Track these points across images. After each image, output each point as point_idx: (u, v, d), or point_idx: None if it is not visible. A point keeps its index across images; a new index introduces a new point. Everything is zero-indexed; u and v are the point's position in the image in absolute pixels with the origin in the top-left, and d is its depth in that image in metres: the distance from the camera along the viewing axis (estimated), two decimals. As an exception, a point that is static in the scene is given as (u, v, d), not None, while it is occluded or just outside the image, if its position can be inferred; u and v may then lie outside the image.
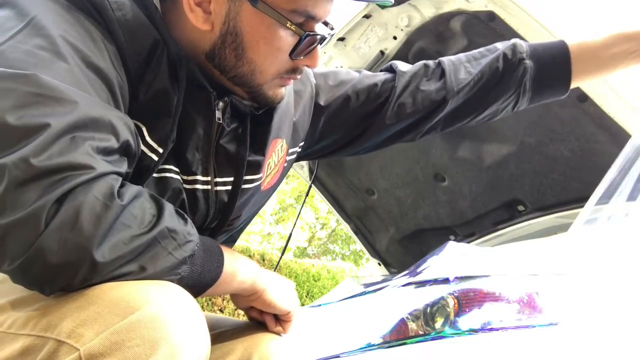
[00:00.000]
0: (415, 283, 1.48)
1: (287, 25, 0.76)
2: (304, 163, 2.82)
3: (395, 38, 2.18)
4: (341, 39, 2.28)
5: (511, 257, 1.64)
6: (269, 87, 0.84)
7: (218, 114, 0.83)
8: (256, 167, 0.90)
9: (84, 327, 0.57)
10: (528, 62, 1.08)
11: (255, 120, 0.89)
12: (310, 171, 2.77)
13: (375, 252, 2.97)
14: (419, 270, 1.62)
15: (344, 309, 1.71)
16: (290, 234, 2.85)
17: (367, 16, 2.16)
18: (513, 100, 1.11)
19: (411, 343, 1.26)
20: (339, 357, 1.32)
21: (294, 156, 1.03)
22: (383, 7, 2.04)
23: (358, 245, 3.12)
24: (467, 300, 1.31)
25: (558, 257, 1.54)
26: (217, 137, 0.85)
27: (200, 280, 0.70)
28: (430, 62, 1.12)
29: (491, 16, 1.86)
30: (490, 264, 1.51)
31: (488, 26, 1.89)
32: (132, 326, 0.57)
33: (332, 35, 0.86)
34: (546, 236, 2.24)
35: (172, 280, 0.66)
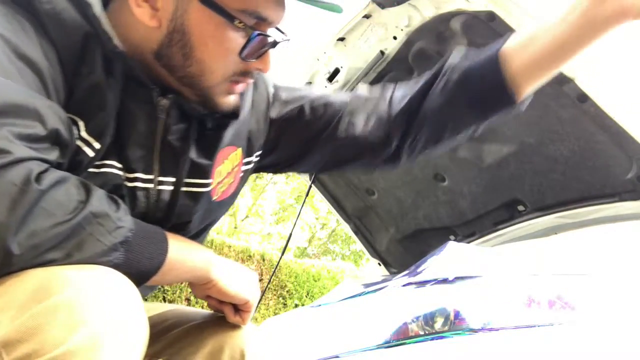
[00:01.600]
0: (415, 283, 1.48)
1: (236, 24, 0.75)
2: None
3: (395, 38, 2.18)
4: (341, 39, 2.28)
5: (511, 257, 1.64)
6: (218, 90, 0.81)
7: (160, 112, 0.81)
8: (203, 171, 0.87)
9: (1, 315, 0.56)
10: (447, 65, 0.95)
11: (207, 124, 0.87)
12: (311, 171, 2.77)
13: (375, 252, 2.97)
14: (419, 270, 1.62)
15: (344, 309, 1.71)
16: (290, 234, 2.85)
17: (367, 16, 2.16)
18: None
19: (411, 343, 1.26)
20: (338, 357, 1.32)
21: (250, 166, 0.99)
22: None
23: (358, 245, 3.12)
24: (467, 301, 1.31)
25: (557, 257, 1.54)
26: (163, 135, 0.82)
27: (139, 268, 0.68)
28: (390, 85, 1.04)
29: (491, 16, 1.85)
30: (489, 264, 1.51)
31: (488, 26, 1.89)
32: (48, 310, 0.55)
33: (287, 41, 0.83)
34: (546, 236, 2.24)
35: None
